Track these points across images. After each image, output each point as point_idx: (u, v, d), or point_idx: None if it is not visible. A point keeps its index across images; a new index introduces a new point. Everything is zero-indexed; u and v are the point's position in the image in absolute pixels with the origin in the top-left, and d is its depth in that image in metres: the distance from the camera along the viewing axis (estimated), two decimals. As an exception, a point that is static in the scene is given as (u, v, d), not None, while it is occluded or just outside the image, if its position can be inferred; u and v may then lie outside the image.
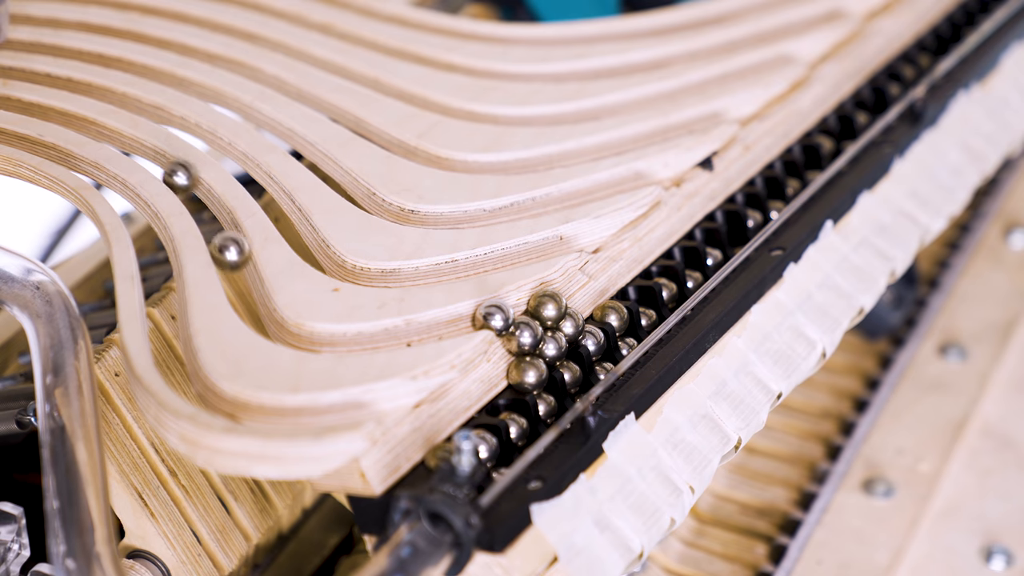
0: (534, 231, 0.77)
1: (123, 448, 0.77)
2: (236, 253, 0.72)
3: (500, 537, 0.63)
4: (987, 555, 0.94)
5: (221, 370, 0.66)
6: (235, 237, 0.73)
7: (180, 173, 0.77)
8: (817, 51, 0.94)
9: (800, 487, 0.98)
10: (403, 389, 0.67)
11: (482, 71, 0.91)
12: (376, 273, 0.74)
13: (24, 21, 0.93)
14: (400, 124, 0.85)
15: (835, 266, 0.82)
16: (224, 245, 0.72)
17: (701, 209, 0.83)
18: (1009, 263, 1.19)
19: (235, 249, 0.72)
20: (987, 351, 1.10)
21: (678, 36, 0.95)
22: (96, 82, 0.87)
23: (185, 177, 0.76)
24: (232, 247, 0.72)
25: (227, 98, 0.86)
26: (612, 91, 0.89)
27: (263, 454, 0.63)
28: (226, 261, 0.72)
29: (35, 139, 0.81)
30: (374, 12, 0.96)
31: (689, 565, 0.93)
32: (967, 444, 1.02)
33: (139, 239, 1.02)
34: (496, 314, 0.71)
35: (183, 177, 0.76)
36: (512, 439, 0.69)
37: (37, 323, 0.72)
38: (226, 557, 0.79)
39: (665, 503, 0.69)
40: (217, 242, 0.72)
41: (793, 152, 0.89)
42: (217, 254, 0.72)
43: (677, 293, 0.78)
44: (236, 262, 0.72)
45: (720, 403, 0.74)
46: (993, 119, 0.99)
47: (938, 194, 0.92)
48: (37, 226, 1.39)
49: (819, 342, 0.79)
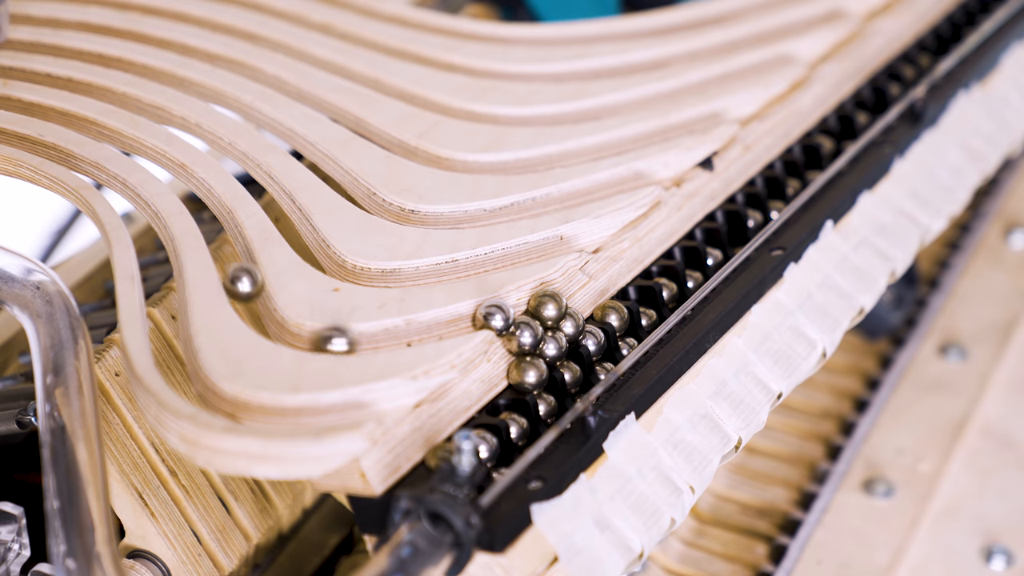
0: (534, 231, 0.77)
1: (123, 448, 0.77)
2: (249, 284, 0.69)
3: (500, 537, 0.63)
4: (987, 555, 0.94)
5: (221, 370, 0.66)
6: (248, 268, 0.69)
7: (244, 280, 0.70)
8: (817, 51, 0.94)
9: (800, 487, 0.98)
10: (403, 389, 0.67)
11: (482, 71, 0.91)
12: (376, 273, 0.74)
13: (24, 21, 0.93)
14: (400, 124, 0.85)
15: (835, 266, 0.82)
16: (236, 276, 0.69)
17: (701, 209, 0.83)
18: (1009, 263, 1.19)
19: (248, 280, 0.69)
20: (987, 351, 1.10)
21: (678, 36, 0.95)
22: (96, 82, 0.87)
23: (249, 284, 0.70)
24: (245, 278, 0.69)
25: (227, 98, 0.86)
26: (612, 91, 0.89)
27: (263, 454, 0.63)
28: (239, 292, 0.69)
29: (35, 139, 0.81)
30: (374, 12, 0.96)
31: (689, 565, 0.93)
32: (967, 444, 1.02)
33: (139, 239, 1.02)
34: (496, 314, 0.71)
35: (247, 284, 0.70)
36: (512, 439, 0.69)
37: (37, 323, 0.72)
38: (226, 557, 0.79)
39: (665, 503, 0.69)
40: (230, 272, 0.69)
41: (793, 152, 0.89)
42: (229, 285, 0.69)
43: (677, 293, 0.78)
44: (249, 293, 0.69)
45: (720, 403, 0.74)
46: (993, 119, 0.99)
47: (938, 194, 0.92)
48: (37, 226, 1.39)
49: (819, 342, 0.79)
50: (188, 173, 0.80)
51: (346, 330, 0.69)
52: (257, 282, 0.70)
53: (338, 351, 0.68)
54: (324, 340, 0.68)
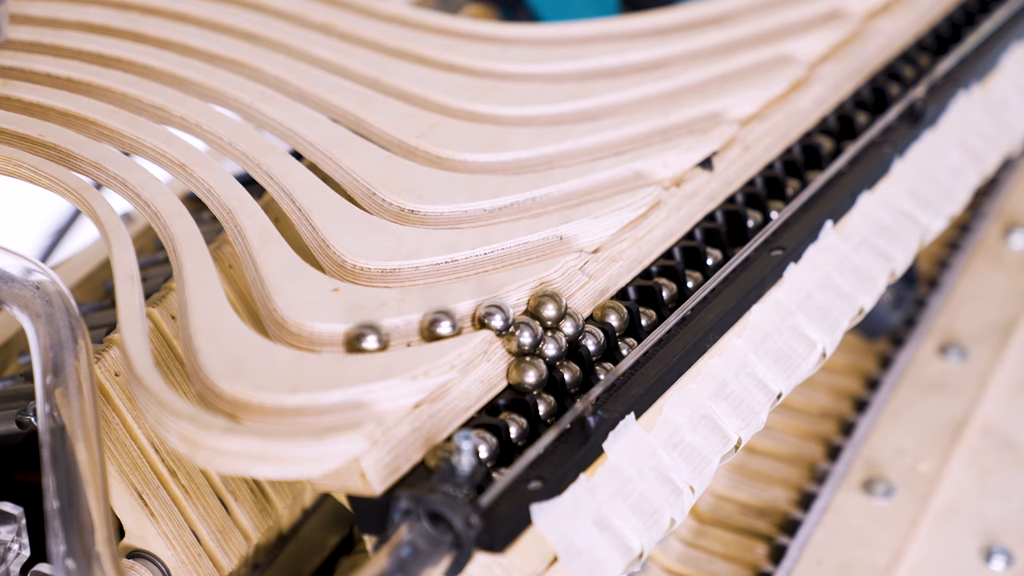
0: (534, 231, 0.77)
1: (123, 448, 0.77)
2: (375, 342, 0.69)
3: (500, 537, 0.63)
4: (987, 555, 0.94)
5: (221, 370, 0.66)
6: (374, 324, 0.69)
7: (444, 323, 0.70)
8: (817, 51, 0.94)
9: (800, 487, 0.98)
10: (403, 389, 0.67)
11: (482, 71, 0.91)
12: (376, 273, 0.74)
13: (24, 21, 0.93)
14: (400, 124, 0.85)
15: (835, 266, 0.82)
16: (361, 334, 0.68)
17: (701, 209, 0.83)
18: (1009, 263, 1.19)
19: (374, 338, 0.69)
20: (987, 351, 1.10)
21: (677, 36, 0.95)
22: (96, 82, 0.87)
23: (449, 326, 0.70)
24: (371, 335, 0.69)
25: (227, 98, 0.86)
26: (612, 91, 0.89)
27: (263, 454, 0.63)
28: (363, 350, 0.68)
29: (35, 139, 0.81)
30: (374, 12, 0.96)
31: (689, 565, 0.93)
32: (967, 444, 1.02)
33: (139, 239, 1.02)
34: (496, 314, 0.71)
35: (447, 326, 0.70)
36: (512, 439, 0.69)
37: (37, 323, 0.72)
38: (226, 557, 0.79)
39: (665, 503, 0.69)
40: (353, 331, 0.69)
41: (793, 152, 0.89)
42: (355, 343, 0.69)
43: (677, 293, 0.78)
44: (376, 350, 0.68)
45: (720, 403, 0.74)
46: (993, 119, 0.99)
47: (938, 194, 0.92)
48: (37, 226, 1.39)
49: (819, 342, 0.79)
50: (188, 173, 0.80)
51: (378, 328, 0.69)
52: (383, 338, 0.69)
53: (371, 349, 0.68)
54: (357, 338, 0.69)
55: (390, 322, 0.70)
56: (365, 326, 0.69)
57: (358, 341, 0.69)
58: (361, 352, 0.68)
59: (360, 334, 0.69)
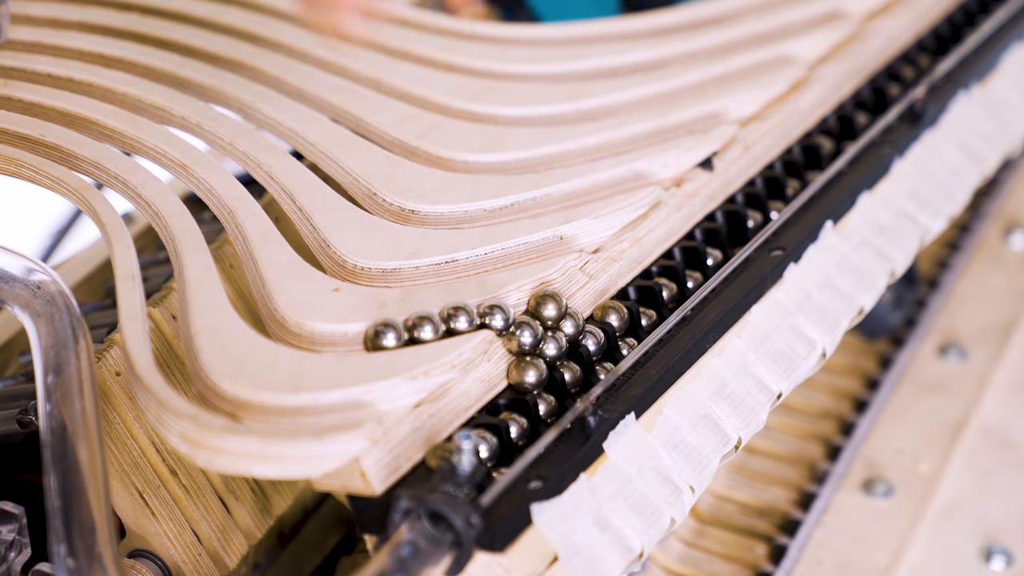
0: (534, 231, 0.77)
1: (124, 448, 0.77)
2: (395, 339, 0.69)
3: (500, 537, 0.63)
4: (987, 555, 0.94)
5: (222, 370, 0.66)
6: (392, 322, 0.69)
7: (461, 318, 0.71)
8: (817, 51, 0.94)
9: (800, 487, 0.98)
10: (403, 389, 0.67)
11: (482, 72, 0.91)
12: (376, 273, 0.74)
13: (25, 21, 0.93)
14: (400, 124, 0.85)
15: (835, 266, 0.82)
16: (380, 331, 0.69)
17: (701, 209, 0.83)
18: (1009, 263, 1.20)
19: (392, 335, 0.69)
20: (987, 351, 1.10)
21: (677, 37, 0.95)
22: (97, 82, 0.87)
23: (502, 320, 0.71)
24: (390, 333, 0.69)
25: (228, 98, 0.86)
26: (612, 91, 0.89)
27: (264, 454, 0.63)
28: (382, 347, 0.69)
29: (36, 139, 0.81)
30: (374, 13, 0.96)
31: (689, 565, 0.93)
32: (966, 444, 1.02)
33: (140, 239, 1.02)
34: (496, 314, 0.71)
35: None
36: (512, 439, 0.69)
37: (38, 323, 0.72)
38: (226, 557, 0.79)
39: (665, 503, 0.69)
40: (371, 331, 0.69)
41: (793, 152, 0.89)
42: (373, 339, 0.69)
43: (677, 293, 0.78)
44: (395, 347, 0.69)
45: (720, 403, 0.74)
46: (993, 119, 1.00)
47: (938, 194, 0.92)
48: (38, 226, 1.40)
49: (819, 342, 0.79)
50: (189, 173, 0.80)
51: (397, 325, 0.69)
52: (401, 337, 0.69)
53: (390, 346, 0.69)
54: (376, 336, 0.69)
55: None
56: (384, 324, 0.69)
57: (378, 338, 0.69)
58: (382, 350, 0.68)
59: (379, 332, 0.69)
